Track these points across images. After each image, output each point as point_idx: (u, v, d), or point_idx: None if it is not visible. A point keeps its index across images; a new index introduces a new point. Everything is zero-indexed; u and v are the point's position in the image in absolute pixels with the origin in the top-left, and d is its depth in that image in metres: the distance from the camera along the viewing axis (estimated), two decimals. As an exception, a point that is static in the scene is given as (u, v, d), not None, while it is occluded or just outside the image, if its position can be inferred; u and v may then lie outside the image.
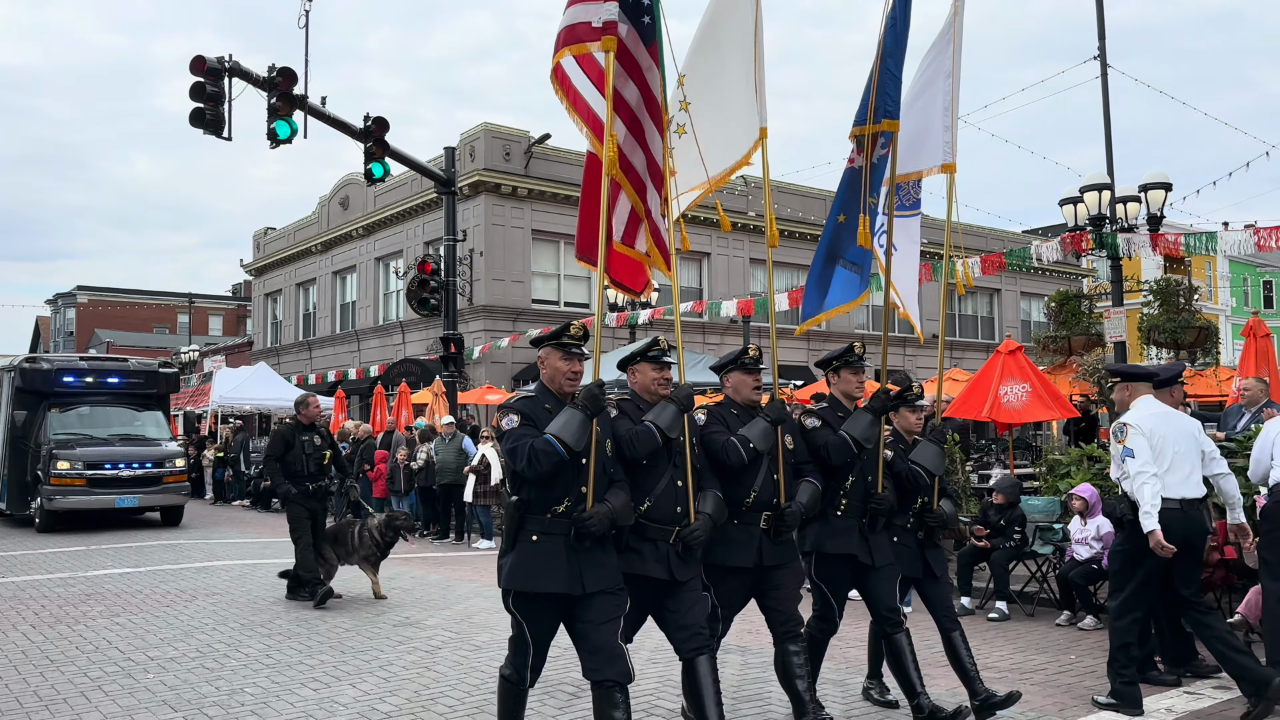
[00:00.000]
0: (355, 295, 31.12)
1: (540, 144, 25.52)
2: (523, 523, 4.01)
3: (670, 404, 4.38)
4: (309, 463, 9.50)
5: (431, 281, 16.46)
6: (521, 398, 4.16)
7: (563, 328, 4.21)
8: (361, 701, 5.79)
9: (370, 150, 14.57)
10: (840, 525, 5.14)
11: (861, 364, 5.40)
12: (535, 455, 3.86)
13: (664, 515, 4.37)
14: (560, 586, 3.97)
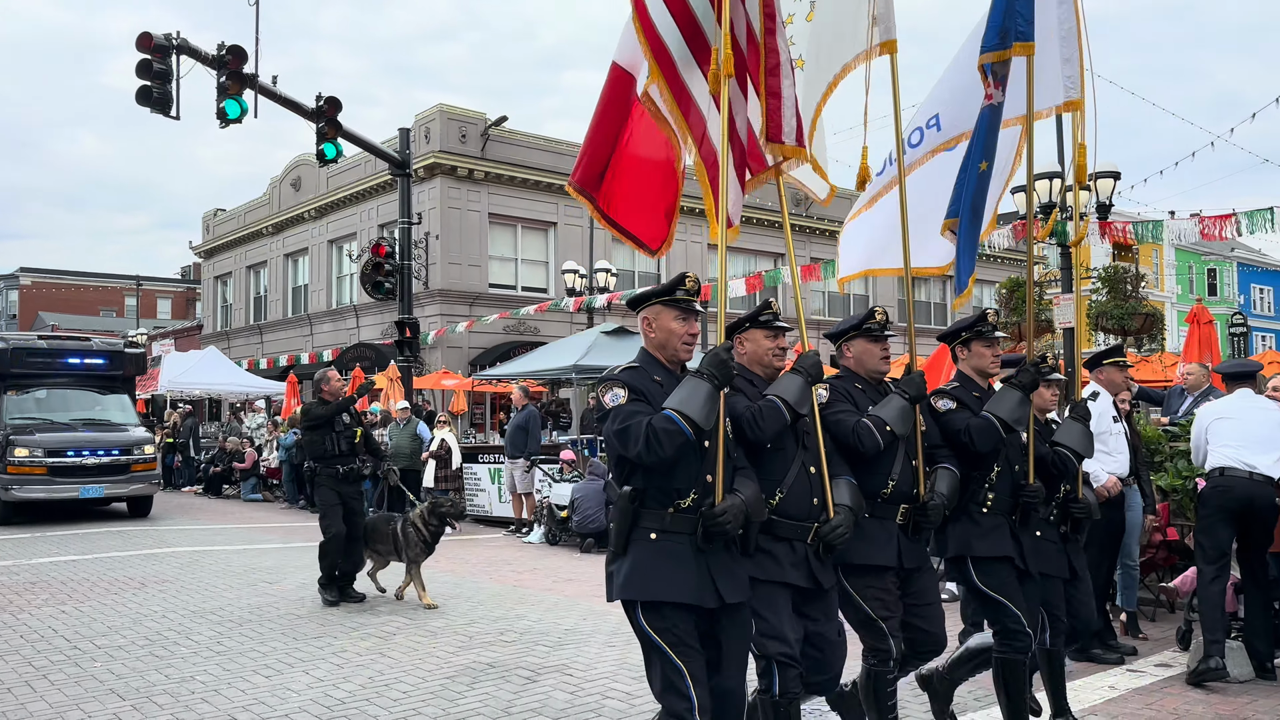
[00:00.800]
0: (308, 278, 30.68)
1: (497, 126, 25.30)
2: (637, 519, 3.31)
3: (795, 375, 3.67)
4: (339, 441, 8.67)
5: (386, 265, 16.26)
6: (625, 368, 3.48)
7: (677, 280, 3.54)
8: (315, 688, 5.74)
9: (322, 131, 14.33)
10: (989, 524, 4.37)
11: (996, 335, 4.62)
12: (655, 436, 3.17)
13: (799, 510, 3.67)
14: (688, 595, 3.24)
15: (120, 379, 17.10)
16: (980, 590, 4.35)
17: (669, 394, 3.32)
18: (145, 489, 15.77)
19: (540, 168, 26.03)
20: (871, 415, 4.01)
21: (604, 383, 3.45)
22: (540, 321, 24.83)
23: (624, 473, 3.40)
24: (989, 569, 4.33)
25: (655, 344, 3.56)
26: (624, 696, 5.51)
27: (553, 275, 26.29)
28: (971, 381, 4.59)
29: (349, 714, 5.23)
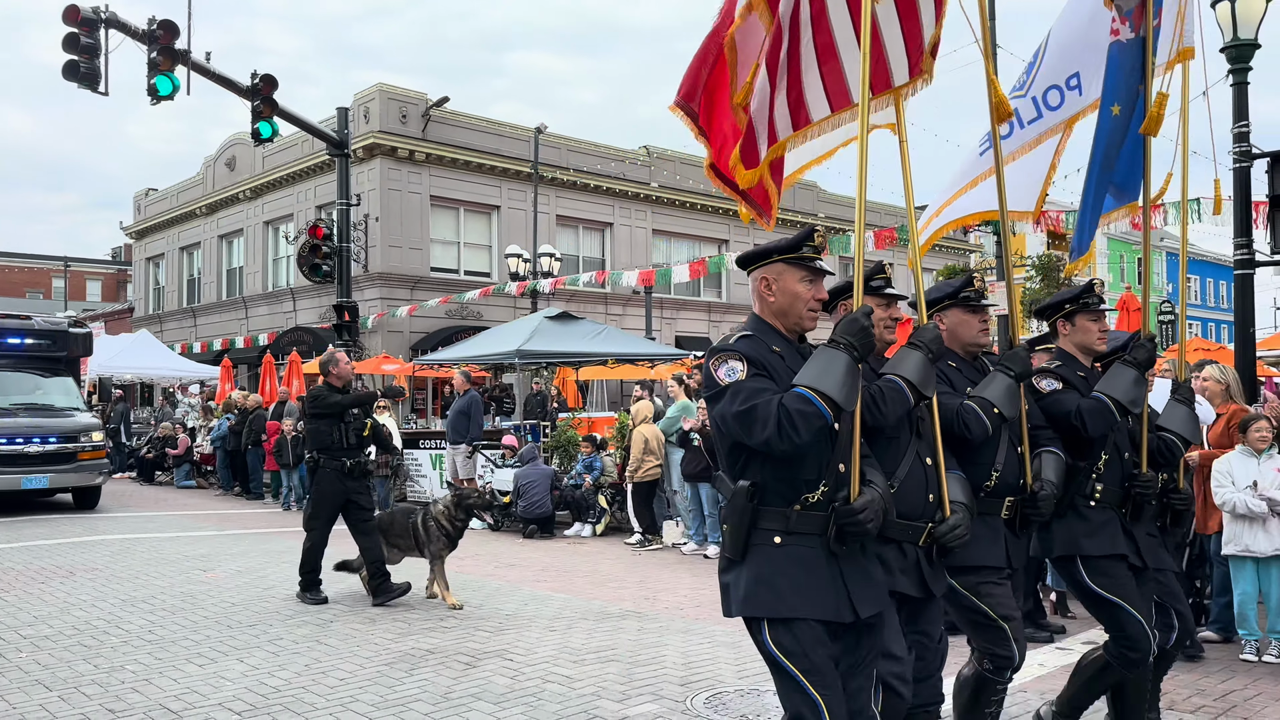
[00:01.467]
0: (243, 260, 30.02)
1: (439, 107, 24.98)
2: (756, 519, 2.81)
3: (914, 350, 3.20)
4: (347, 432, 7.84)
5: (324, 247, 15.97)
6: (740, 337, 2.97)
7: (805, 234, 3.04)
8: (250, 676, 5.65)
9: (258, 109, 14.00)
10: (1098, 518, 3.93)
11: (1103, 308, 4.17)
12: (791, 418, 2.68)
13: (912, 507, 3.20)
14: (825, 611, 2.77)
15: (64, 361, 15.96)
16: (1093, 592, 3.89)
17: (790, 368, 2.88)
18: (93, 479, 14.65)
19: (483, 150, 25.78)
20: (975, 397, 3.57)
21: (716, 354, 2.92)
22: (483, 306, 24.64)
23: (738, 463, 2.89)
24: (1102, 567, 3.87)
25: (775, 309, 3.04)
26: (564, 680, 5.52)
27: (496, 259, 26.08)
28: (1074, 360, 4.13)
29: (284, 701, 5.16)
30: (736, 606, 2.84)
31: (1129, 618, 3.82)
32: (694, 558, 10.14)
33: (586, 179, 27.66)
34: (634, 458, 10.88)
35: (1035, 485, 3.67)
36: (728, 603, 2.89)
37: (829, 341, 2.87)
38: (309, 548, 7.78)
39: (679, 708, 5.01)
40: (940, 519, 3.23)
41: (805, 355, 2.96)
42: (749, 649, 6.22)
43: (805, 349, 3.01)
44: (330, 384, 8.06)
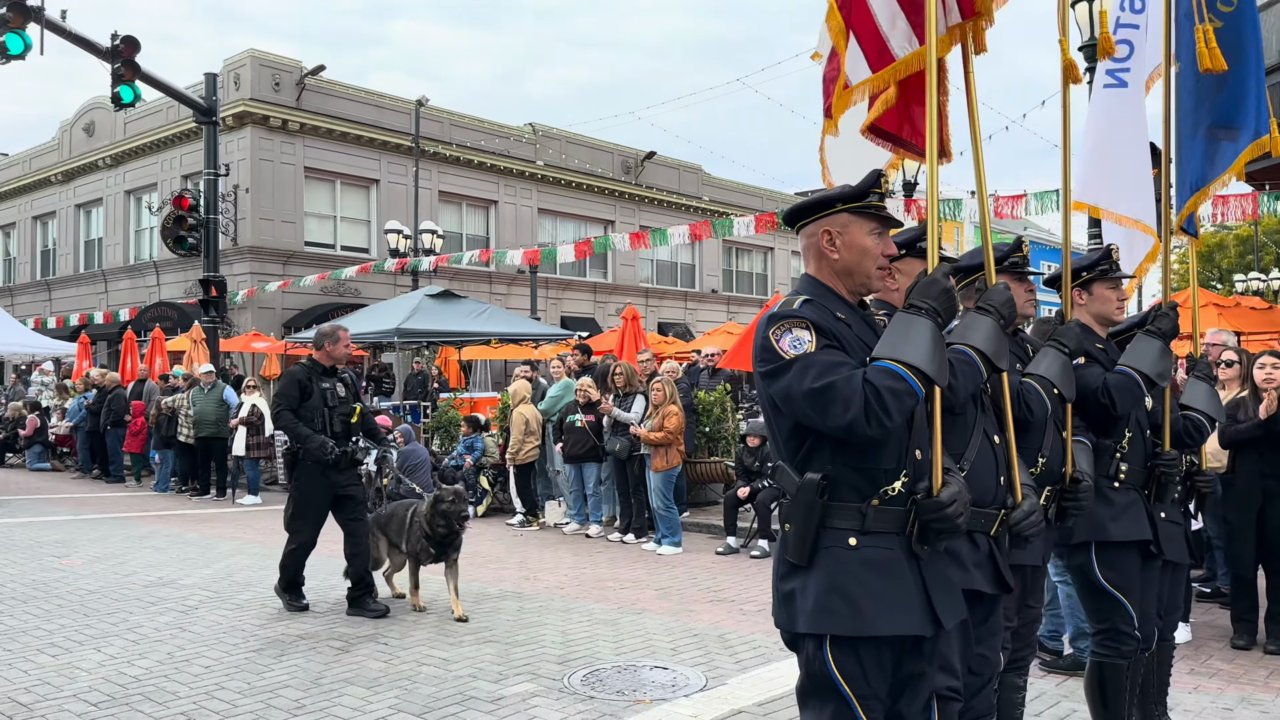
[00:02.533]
0: (102, 231, 28.41)
1: (314, 75, 24.11)
2: (826, 517, 2.43)
3: (983, 315, 2.78)
4: (332, 419, 6.80)
5: (189, 219, 15.29)
6: (804, 301, 2.54)
7: (872, 179, 2.63)
8: (107, 666, 5.40)
9: (119, 72, 13.27)
10: (1123, 500, 3.68)
11: (1121, 275, 3.90)
12: (881, 397, 2.30)
13: (983, 493, 2.83)
14: (908, 625, 2.41)
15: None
16: (1097, 584, 3.67)
17: (860, 338, 2.53)
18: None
19: (362, 121, 25.03)
20: (1033, 375, 3.29)
21: (779, 321, 2.49)
22: (361, 283, 24.01)
23: (801, 450, 2.50)
24: (1115, 558, 3.65)
25: (839, 267, 2.61)
26: (440, 663, 5.46)
27: (375, 235, 25.42)
28: (1091, 331, 3.81)
29: (145, 691, 4.96)
30: (805, 620, 2.42)
31: (1123, 613, 3.65)
32: (575, 537, 10.17)
33: (470, 155, 27.21)
34: (514, 439, 10.82)
35: (1075, 474, 3.38)
36: (790, 615, 2.46)
37: (907, 306, 2.49)
38: (292, 550, 6.77)
39: (556, 686, 5.03)
40: (1013, 505, 2.88)
41: (871, 324, 2.63)
42: (628, 626, 6.29)
43: (869, 316, 2.68)
44: (316, 361, 6.94)
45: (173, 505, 13.08)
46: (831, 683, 2.41)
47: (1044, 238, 42.11)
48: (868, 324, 2.62)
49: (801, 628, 2.44)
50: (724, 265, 35.35)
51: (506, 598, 7.17)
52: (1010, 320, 2.84)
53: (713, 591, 7.46)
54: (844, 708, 2.41)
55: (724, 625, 6.35)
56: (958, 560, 2.67)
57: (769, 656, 5.56)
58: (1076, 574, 3.77)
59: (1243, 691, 4.92)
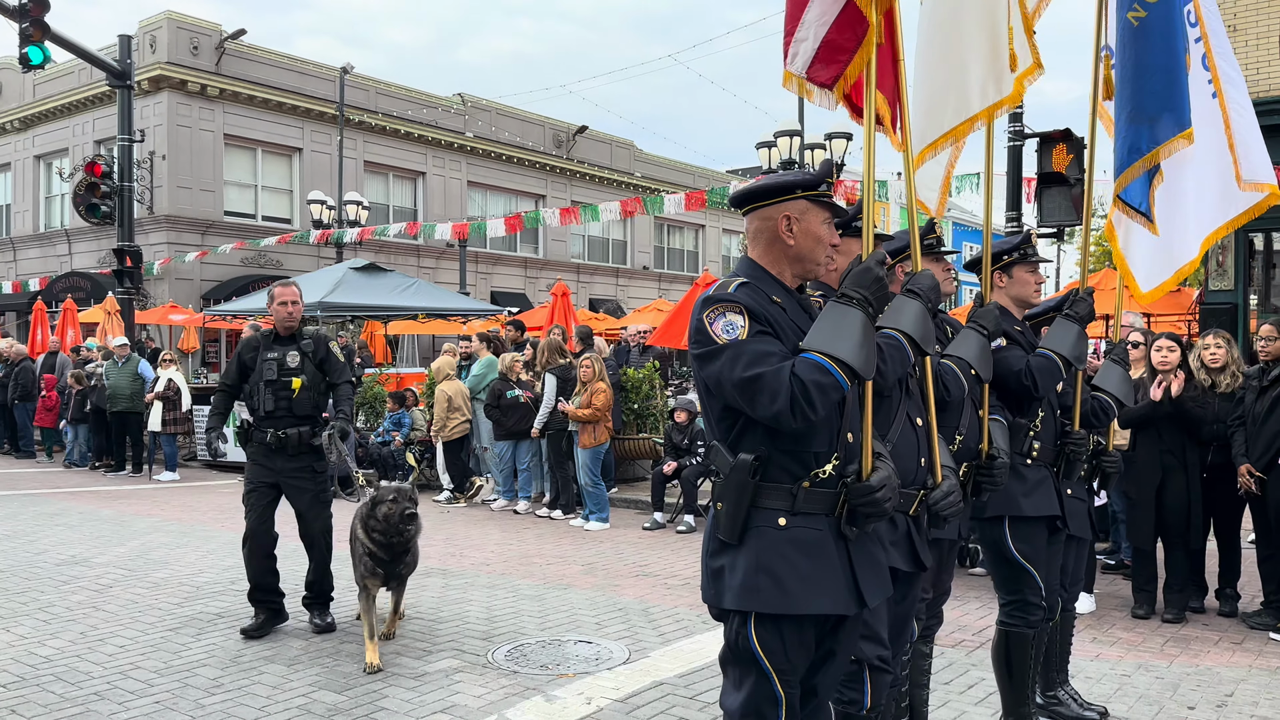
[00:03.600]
0: (10, 198, 27.20)
1: (235, 39, 23.37)
2: (757, 497, 2.47)
3: (911, 299, 2.84)
4: (265, 395, 5.76)
5: (103, 186, 14.75)
6: (740, 285, 2.56)
7: (826, 169, 2.68)
8: (17, 646, 5.25)
9: (26, 31, 12.69)
10: (1034, 477, 3.82)
11: (1039, 259, 4.00)
12: (806, 391, 2.34)
13: (904, 474, 2.87)
14: (832, 603, 2.48)
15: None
16: (1009, 557, 3.80)
17: (794, 321, 2.55)
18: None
19: (284, 88, 24.36)
20: (950, 356, 3.37)
21: (713, 304, 2.52)
22: (282, 254, 23.45)
23: (733, 431, 2.53)
24: (1027, 532, 3.79)
25: (792, 253, 2.62)
26: (362, 640, 5.42)
27: (298, 205, 24.83)
28: (1009, 313, 3.91)
29: (56, 671, 4.84)
30: (732, 597, 2.47)
31: (1031, 584, 3.79)
32: (503, 514, 10.17)
33: (397, 124, 26.69)
34: (437, 416, 10.74)
35: (992, 451, 3.49)
36: (718, 591, 2.51)
37: (839, 295, 2.52)
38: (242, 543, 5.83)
39: (480, 661, 5.05)
40: (932, 485, 2.95)
41: (806, 307, 2.66)
42: (553, 602, 6.33)
43: (805, 299, 2.70)
44: (271, 328, 6.01)
45: (86, 481, 12.69)
46: (753, 656, 2.48)
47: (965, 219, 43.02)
48: (803, 308, 2.64)
49: (728, 604, 2.48)
50: (655, 242, 35.40)
51: (432, 574, 7.14)
52: (936, 304, 2.90)
53: (638, 566, 7.54)
54: (763, 681, 2.48)
55: (648, 599, 6.43)
56: (878, 539, 2.71)
57: (691, 629, 5.66)
58: (989, 546, 3.91)
59: (1140, 659, 5.17)
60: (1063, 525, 3.87)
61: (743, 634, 2.49)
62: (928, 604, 3.47)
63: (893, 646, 3.00)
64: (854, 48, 2.97)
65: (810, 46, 3.02)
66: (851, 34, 2.97)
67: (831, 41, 3.02)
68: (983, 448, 3.48)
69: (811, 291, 2.86)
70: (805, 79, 3.05)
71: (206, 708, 4.36)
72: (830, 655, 2.60)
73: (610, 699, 4.48)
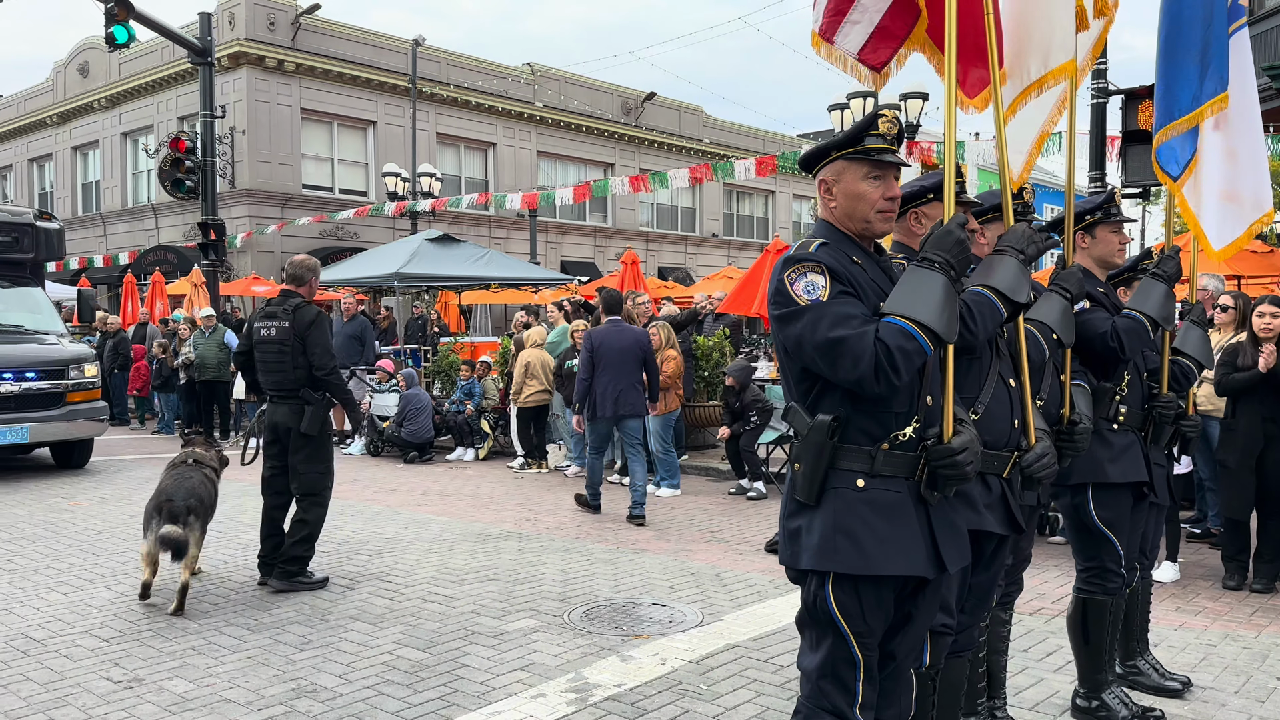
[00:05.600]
0: (99, 174, 28.21)
1: (310, 14, 23.75)
2: (835, 458, 2.45)
3: (1004, 255, 2.78)
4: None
5: (187, 161, 15.19)
6: (821, 244, 2.53)
7: (867, 121, 2.57)
8: (118, 603, 5.53)
9: (112, 11, 13.08)
10: (1121, 443, 3.74)
11: (1124, 219, 3.89)
12: (891, 356, 2.32)
13: (997, 435, 2.85)
14: (911, 565, 2.44)
15: (30, 265, 11.64)
16: (1090, 524, 3.75)
17: (874, 281, 2.52)
18: (88, 427, 10.65)
19: (358, 61, 24.71)
20: (1032, 320, 3.25)
21: (793, 264, 2.48)
22: (359, 226, 23.91)
23: (812, 393, 2.50)
24: (1110, 498, 3.72)
25: (838, 214, 2.60)
26: (443, 600, 5.59)
27: (373, 178, 25.24)
28: (1091, 274, 3.79)
29: (155, 627, 5.08)
30: (808, 557, 2.46)
31: (1111, 551, 3.74)
32: (576, 480, 10.29)
33: (468, 95, 26.90)
34: (515, 382, 10.89)
35: (1073, 416, 3.40)
36: (794, 552, 2.50)
37: (919, 259, 2.48)
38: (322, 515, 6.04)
39: (556, 621, 5.15)
40: (1026, 447, 2.90)
41: (886, 268, 2.61)
42: (626, 565, 6.42)
43: (885, 260, 2.65)
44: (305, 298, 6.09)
45: (176, 448, 13.19)
46: (830, 618, 2.47)
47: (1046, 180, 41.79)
48: (883, 269, 2.60)
49: (806, 564, 2.47)
50: (724, 209, 35.16)
51: (508, 538, 7.30)
52: (1032, 256, 2.82)
53: (710, 532, 7.59)
54: (840, 643, 2.47)
55: (720, 565, 6.48)
56: (969, 502, 2.67)
57: (764, 594, 5.69)
58: (1069, 513, 3.83)
59: (1227, 629, 5.04)
60: (1149, 491, 3.79)
61: (820, 595, 2.48)
62: (1007, 570, 3.43)
63: (973, 613, 2.99)
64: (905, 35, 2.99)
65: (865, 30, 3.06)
66: (903, 22, 2.98)
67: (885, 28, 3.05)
68: (1064, 413, 3.41)
69: (894, 253, 2.82)
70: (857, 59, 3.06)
71: (296, 663, 4.54)
72: (909, 619, 2.57)
73: (685, 660, 4.55)
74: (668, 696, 4.12)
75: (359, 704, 4.05)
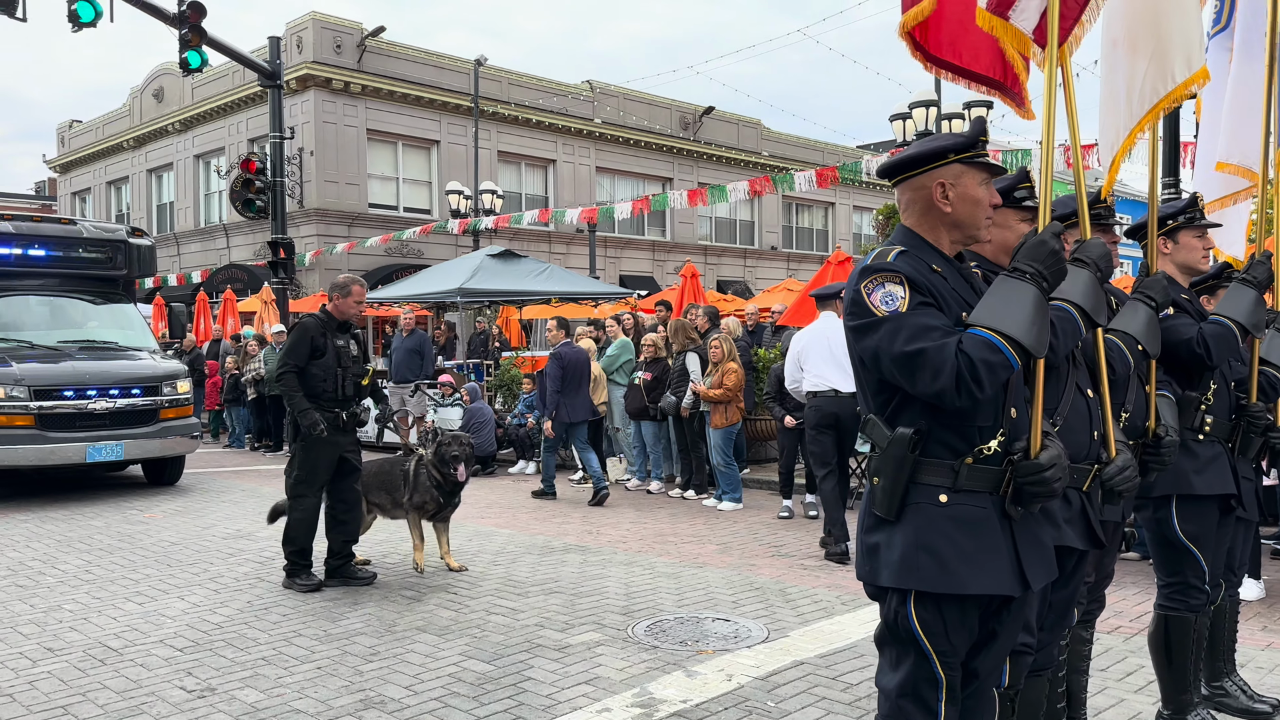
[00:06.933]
0: (173, 195, 29.12)
1: (374, 37, 24.26)
2: (916, 472, 2.38)
3: (1080, 268, 2.66)
4: (344, 380, 6.38)
5: (257, 181, 15.56)
6: (900, 253, 2.44)
7: (979, 127, 2.52)
8: (191, 614, 5.64)
9: (185, 38, 13.48)
10: (1207, 454, 3.60)
11: (1207, 223, 3.77)
12: (975, 369, 2.24)
13: (1077, 448, 2.73)
14: (1001, 584, 2.36)
15: (121, 282, 11.80)
16: (1173, 538, 3.60)
17: (956, 291, 2.44)
18: (181, 444, 10.62)
19: (421, 82, 25.16)
20: (1115, 330, 3.15)
21: (871, 274, 2.40)
22: (423, 244, 24.29)
23: (890, 404, 2.43)
24: (1195, 511, 3.58)
25: (949, 220, 2.50)
26: (508, 612, 5.60)
27: (436, 196, 25.65)
28: (1174, 281, 3.67)
29: (227, 637, 5.17)
30: (889, 574, 2.38)
31: (1194, 566, 3.60)
32: (636, 493, 10.28)
33: (528, 114, 27.21)
34: (577, 395, 10.91)
35: (1159, 429, 3.27)
36: (873, 567, 2.43)
37: (1011, 269, 2.39)
38: (298, 519, 6.29)
39: (621, 635, 5.13)
40: (1107, 460, 2.78)
41: (967, 277, 2.54)
42: (689, 580, 6.37)
43: (966, 269, 2.58)
44: (330, 315, 6.46)
45: (247, 461, 13.50)
46: (912, 636, 2.40)
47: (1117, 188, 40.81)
48: (964, 278, 2.53)
49: (885, 581, 2.40)
50: (783, 221, 34.98)
51: (570, 550, 7.30)
52: (1108, 274, 2.74)
53: (773, 546, 7.50)
54: (922, 662, 2.40)
55: (785, 580, 6.40)
56: (1049, 516, 2.58)
57: (831, 610, 5.60)
58: (1151, 526, 3.69)
59: (1318, 650, 4.82)
60: (1237, 504, 3.64)
61: (901, 613, 2.41)
62: (1089, 587, 3.32)
63: (1053, 630, 2.89)
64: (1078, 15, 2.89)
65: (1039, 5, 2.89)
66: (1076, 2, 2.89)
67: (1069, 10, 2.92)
68: (1150, 426, 3.29)
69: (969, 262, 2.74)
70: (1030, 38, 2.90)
71: (365, 674, 4.58)
72: (993, 636, 2.49)
73: (751, 676, 4.49)
74: (735, 714, 4.06)
75: (426, 715, 4.06)
